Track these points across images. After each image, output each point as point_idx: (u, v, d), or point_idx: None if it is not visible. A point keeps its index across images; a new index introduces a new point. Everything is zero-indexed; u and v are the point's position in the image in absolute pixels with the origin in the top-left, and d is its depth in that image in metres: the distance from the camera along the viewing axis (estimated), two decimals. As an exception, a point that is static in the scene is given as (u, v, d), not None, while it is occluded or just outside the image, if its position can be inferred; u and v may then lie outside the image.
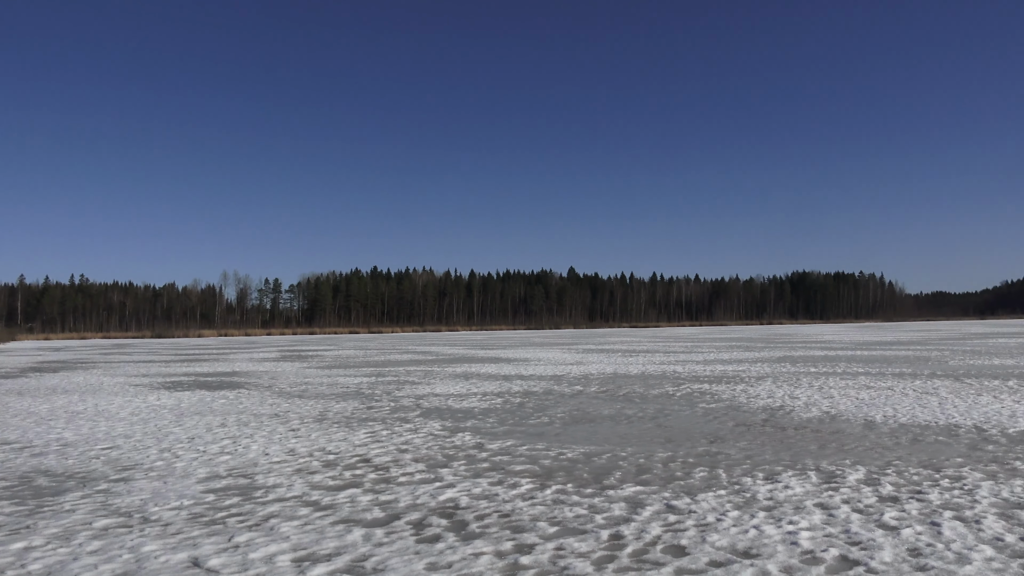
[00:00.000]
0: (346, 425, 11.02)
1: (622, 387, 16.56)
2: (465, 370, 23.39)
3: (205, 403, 14.47)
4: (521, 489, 6.70)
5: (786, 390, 15.09)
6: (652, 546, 5.02)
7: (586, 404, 13.35)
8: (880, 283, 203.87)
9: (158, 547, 5.10)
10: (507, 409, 12.78)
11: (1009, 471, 7.07)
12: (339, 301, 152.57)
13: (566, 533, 5.34)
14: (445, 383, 18.42)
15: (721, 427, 10.26)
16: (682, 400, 13.74)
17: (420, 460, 8.16)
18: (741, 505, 5.99)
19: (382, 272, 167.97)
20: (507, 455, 8.40)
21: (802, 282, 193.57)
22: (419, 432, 10.22)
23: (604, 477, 7.16)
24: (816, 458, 7.90)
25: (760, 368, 21.96)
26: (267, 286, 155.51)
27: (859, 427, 9.99)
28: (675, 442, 9.10)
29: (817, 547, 4.91)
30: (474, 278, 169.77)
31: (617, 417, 11.51)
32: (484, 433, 10.08)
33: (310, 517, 5.85)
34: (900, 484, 6.63)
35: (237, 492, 6.75)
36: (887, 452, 8.17)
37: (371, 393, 16.08)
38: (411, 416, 12.00)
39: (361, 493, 6.65)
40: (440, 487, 6.83)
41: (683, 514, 5.77)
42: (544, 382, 18.31)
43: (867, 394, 14.05)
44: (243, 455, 8.61)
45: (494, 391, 16.10)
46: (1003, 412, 11.10)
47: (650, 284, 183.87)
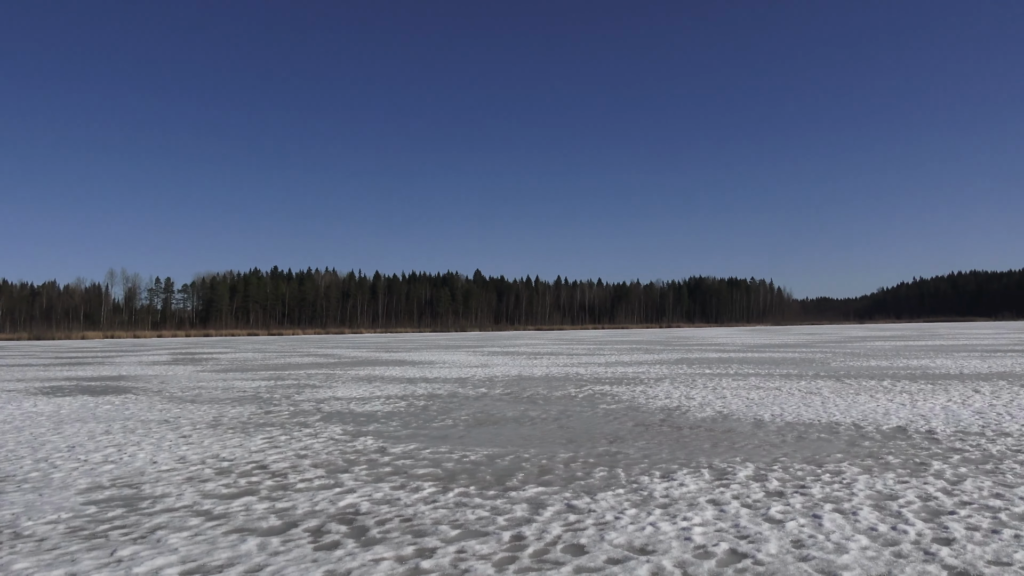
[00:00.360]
0: (242, 431, 10.62)
1: (526, 389, 16.72)
2: (368, 373, 23.02)
3: (88, 409, 13.62)
4: (423, 493, 6.64)
5: (682, 391, 15.63)
6: (552, 546, 5.08)
7: (490, 406, 13.39)
8: (770, 289, 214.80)
9: (31, 564, 4.75)
10: (411, 412, 12.66)
11: (883, 465, 7.58)
12: (236, 302, 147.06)
13: (468, 536, 5.33)
14: (347, 386, 18.06)
15: (621, 427, 10.52)
16: (584, 401, 14.00)
17: (320, 465, 7.97)
18: (639, 503, 6.16)
19: (283, 272, 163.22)
20: (410, 459, 8.32)
21: (698, 287, 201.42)
22: (319, 437, 9.98)
23: (507, 479, 7.20)
24: (709, 456, 8.21)
25: (659, 370, 22.66)
26: (158, 285, 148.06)
27: (749, 426, 10.47)
28: (577, 443, 9.26)
29: (709, 542, 5.10)
30: (379, 279, 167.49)
31: (521, 419, 11.61)
32: (387, 437, 9.94)
33: (201, 527, 5.60)
34: (785, 479, 6.99)
35: (121, 503, 6.38)
36: (774, 449, 8.60)
37: (269, 397, 15.58)
38: (311, 420, 11.70)
39: (257, 501, 6.42)
40: (340, 493, 6.69)
41: (583, 513, 5.87)
42: (449, 385, 18.26)
43: (757, 394, 14.73)
44: (129, 464, 8.15)
45: (398, 394, 15.92)
46: (878, 410, 11.88)
47: (555, 288, 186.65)
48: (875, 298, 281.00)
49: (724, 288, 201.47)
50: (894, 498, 6.21)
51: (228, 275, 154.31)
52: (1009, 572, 4.44)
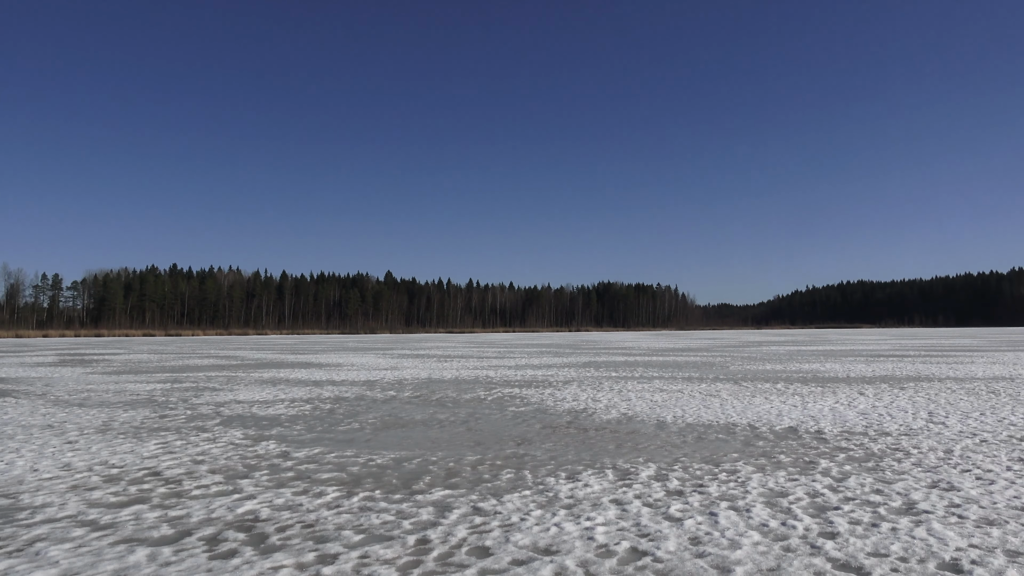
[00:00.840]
0: (134, 436, 10.10)
1: (435, 392, 16.63)
2: (273, 375, 22.34)
3: (-41, 414, 12.63)
4: (327, 498, 6.50)
5: (589, 393, 15.92)
6: (458, 549, 5.07)
7: (399, 409, 13.25)
8: (674, 295, 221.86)
9: None
10: (316, 416, 12.36)
11: (775, 464, 7.94)
12: (132, 301, 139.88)
13: (372, 540, 5.25)
14: (250, 389, 17.47)
15: (528, 429, 10.61)
16: (493, 404, 14.05)
17: (218, 471, 7.67)
18: (544, 504, 6.22)
19: (182, 270, 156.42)
20: (314, 463, 8.12)
21: (607, 292, 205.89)
22: (218, 441, 9.60)
23: (413, 482, 7.13)
24: (613, 457, 8.39)
25: (567, 373, 23.00)
26: (44, 282, 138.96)
27: (652, 427, 10.76)
28: (484, 445, 9.27)
29: (611, 541, 5.21)
30: (286, 279, 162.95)
31: (429, 422, 11.53)
32: (290, 441, 9.67)
33: (86, 538, 5.29)
34: (685, 479, 7.22)
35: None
36: (675, 450, 8.87)
37: (165, 401, 14.88)
38: (210, 425, 11.25)
39: (148, 509, 6.12)
40: (239, 499, 6.45)
41: (489, 515, 5.88)
42: (356, 387, 17.94)
43: (660, 397, 15.17)
44: (6, 472, 7.61)
45: (303, 397, 15.52)
46: (772, 412, 12.45)
47: (466, 290, 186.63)
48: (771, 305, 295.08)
49: (631, 293, 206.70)
50: (785, 495, 6.51)
51: (123, 272, 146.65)
52: (886, 563, 4.74)
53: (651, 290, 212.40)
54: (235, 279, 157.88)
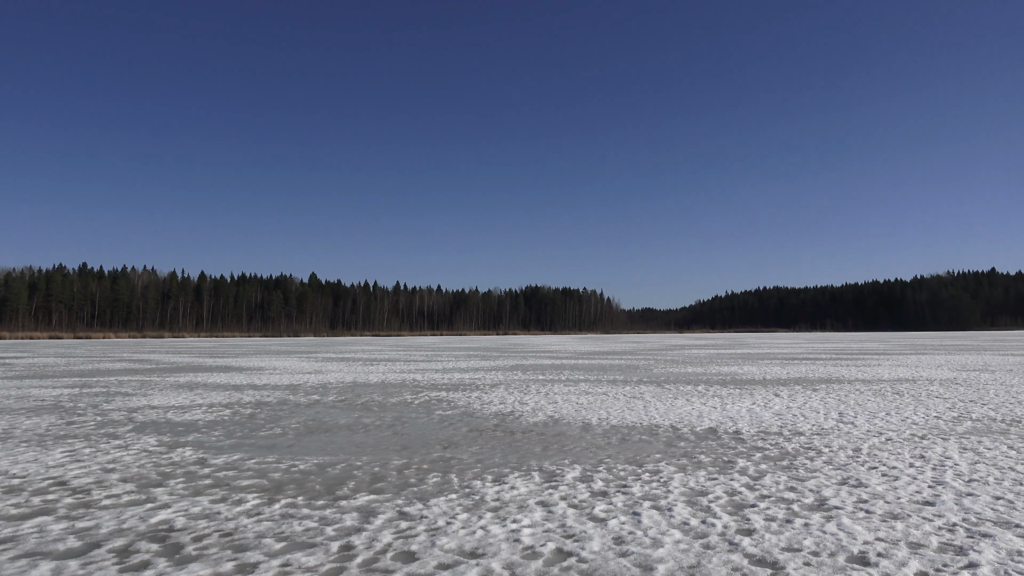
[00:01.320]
0: (38, 444, 9.57)
1: (361, 396, 16.38)
2: (190, 380, 21.55)
3: None
4: (247, 505, 6.31)
5: (516, 396, 15.99)
6: (383, 554, 5.00)
7: (323, 414, 12.99)
8: (600, 298, 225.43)
9: None
10: (236, 421, 11.99)
11: (696, 464, 8.16)
12: (37, 301, 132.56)
13: (294, 548, 5.13)
14: (165, 394, 16.81)
15: (455, 433, 10.57)
16: (420, 408, 13.94)
17: (129, 480, 7.34)
18: (470, 507, 6.21)
19: (92, 270, 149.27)
20: (233, 470, 7.87)
21: (534, 295, 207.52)
22: (130, 449, 9.19)
23: (337, 488, 7.01)
24: (540, 459, 8.45)
25: (494, 376, 23.04)
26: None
27: (578, 429, 10.89)
28: (411, 449, 9.19)
29: (537, 543, 5.24)
30: (204, 280, 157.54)
31: (354, 426, 11.35)
32: (208, 447, 9.35)
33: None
34: (609, 479, 7.33)
35: None
36: (600, 451, 9.00)
37: (73, 407, 14.16)
38: (121, 431, 10.76)
39: (53, 521, 5.80)
40: (152, 508, 6.19)
41: (415, 520, 5.83)
42: (279, 392, 17.50)
43: (586, 399, 15.37)
44: None
45: (222, 402, 15.03)
46: (693, 413, 12.79)
47: (393, 293, 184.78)
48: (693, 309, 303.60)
49: (559, 297, 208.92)
50: (705, 494, 6.70)
51: (26, 271, 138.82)
52: (799, 557, 4.93)
53: (577, 294, 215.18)
54: (150, 279, 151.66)
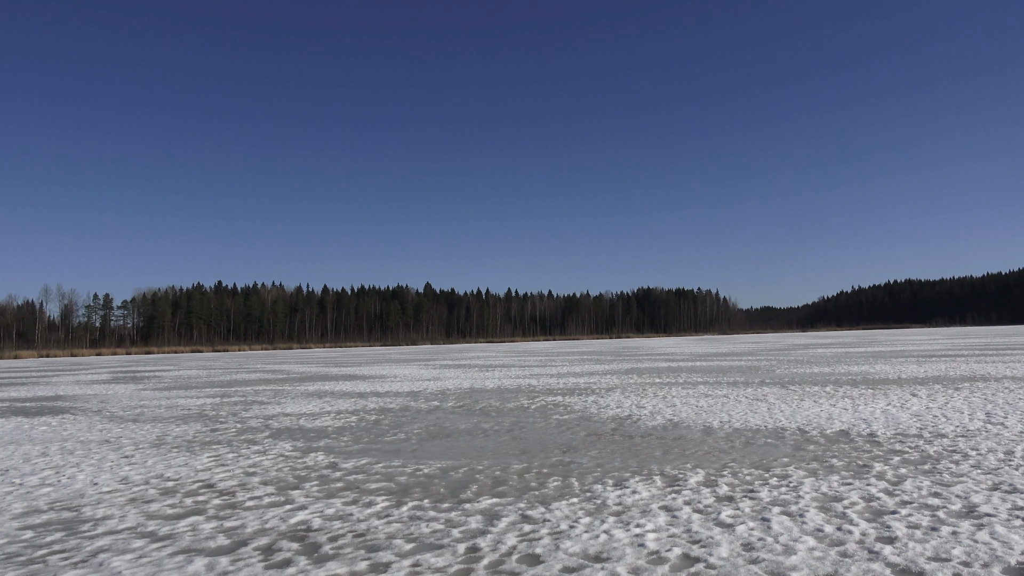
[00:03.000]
0: (187, 449, 10.34)
1: (479, 401, 16.68)
2: (318, 388, 22.66)
3: (22, 431, 13.08)
4: (376, 507, 6.57)
5: (633, 400, 15.81)
6: (508, 556, 5.08)
7: (443, 419, 13.33)
8: (716, 298, 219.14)
9: (-38, 593, 4.54)
10: (362, 427, 12.51)
11: (827, 468, 7.79)
12: (179, 318, 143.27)
13: (423, 549, 5.29)
14: (296, 402, 17.75)
15: (573, 437, 10.58)
16: (537, 412, 14.04)
17: (269, 483, 7.81)
18: (592, 511, 6.20)
19: (227, 287, 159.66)
20: (362, 473, 8.21)
21: (647, 298, 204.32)
22: (268, 454, 9.78)
23: (461, 491, 7.17)
24: (660, 463, 8.32)
25: (610, 380, 22.87)
26: (96, 302, 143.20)
27: (699, 433, 10.64)
28: (530, 453, 9.28)
29: (662, 547, 5.17)
30: (327, 293, 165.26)
31: (474, 431, 11.58)
32: (338, 452, 9.80)
33: (146, 549, 5.43)
34: (735, 484, 7.12)
35: (60, 527, 6.15)
36: (723, 455, 8.76)
37: (215, 415, 15.20)
38: (259, 437, 11.46)
39: (204, 520, 6.26)
40: (291, 510, 6.56)
41: (538, 523, 5.88)
42: (400, 398, 18.10)
43: (705, 402, 14.99)
44: (68, 486, 7.85)
45: (348, 409, 15.71)
46: (822, 415, 12.21)
47: (505, 300, 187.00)
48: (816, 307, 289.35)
49: (672, 299, 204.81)
50: (839, 499, 6.38)
51: (170, 291, 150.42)
52: (948, 567, 4.61)
53: (692, 295, 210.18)
54: (278, 294, 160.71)
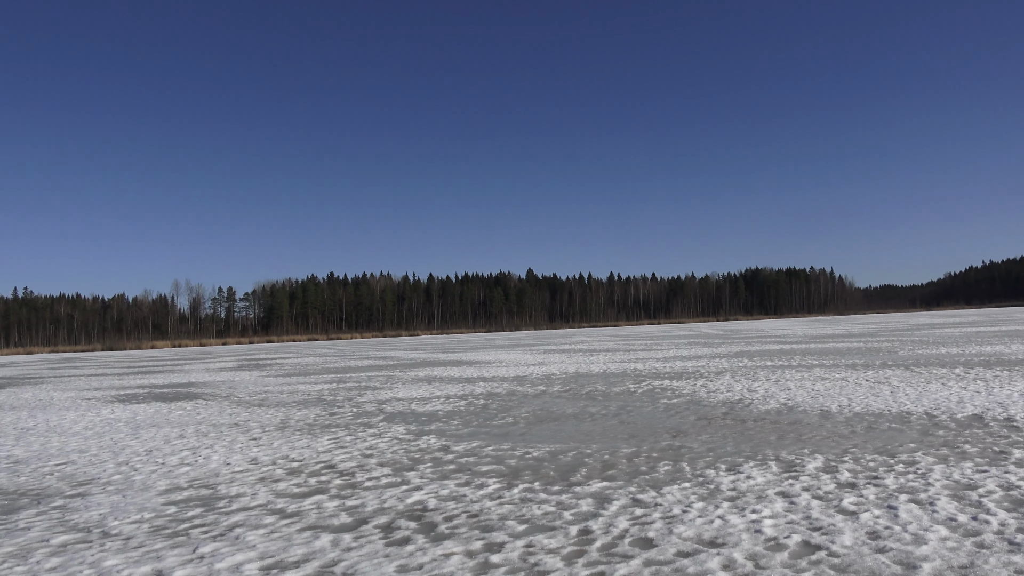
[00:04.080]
0: (308, 432, 10.89)
1: (585, 386, 16.69)
2: (427, 374, 23.30)
3: (162, 415, 14.16)
4: (488, 489, 6.71)
5: (744, 384, 15.38)
6: (620, 540, 5.08)
7: (550, 403, 13.42)
8: (830, 278, 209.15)
9: (120, 561, 4.98)
10: (471, 411, 12.77)
11: (959, 454, 7.33)
12: (296, 308, 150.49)
13: (535, 530, 5.37)
14: (408, 387, 18.32)
15: (683, 421, 10.42)
16: (644, 396, 13.90)
17: (386, 464, 8.12)
18: (705, 496, 6.10)
19: (338, 278, 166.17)
20: (473, 456, 8.40)
21: (755, 278, 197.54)
22: (383, 437, 10.16)
23: (570, 474, 7.21)
24: (776, 448, 8.07)
25: (718, 363, 22.33)
26: (221, 295, 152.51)
27: (816, 417, 10.24)
28: (639, 437, 9.21)
29: (780, 534, 5.03)
30: (433, 282, 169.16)
31: (581, 415, 11.60)
32: (449, 435, 10.06)
33: (276, 525, 5.78)
34: (857, 470, 6.82)
35: (199, 503, 6.63)
36: (843, 440, 8.40)
37: (333, 400, 15.92)
38: (374, 421, 11.92)
39: (327, 499, 6.59)
40: (407, 490, 6.81)
41: (649, 507, 5.85)
42: (507, 383, 18.35)
43: (822, 385, 14.39)
44: (204, 466, 8.45)
45: (457, 394, 16.08)
46: (951, 399, 11.48)
47: (608, 284, 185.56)
48: (942, 284, 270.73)
49: (782, 279, 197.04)
50: (973, 487, 6.00)
51: (287, 282, 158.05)
52: (1102, 562, 4.25)
53: (804, 274, 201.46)
54: (386, 284, 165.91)
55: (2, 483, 7.92)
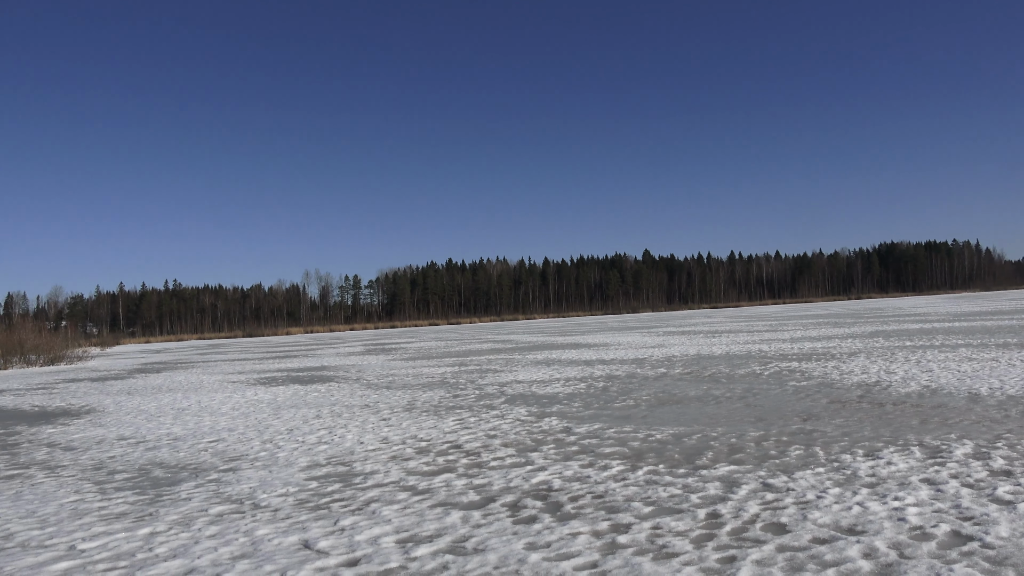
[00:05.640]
0: (434, 413, 11.26)
1: (707, 368, 16.31)
2: (546, 357, 23.49)
3: (299, 396, 15.05)
4: (612, 471, 6.71)
5: (881, 365, 14.54)
6: (751, 524, 4.96)
7: (671, 386, 13.22)
8: (976, 250, 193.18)
9: (270, 531, 5.37)
10: (591, 393, 12.79)
11: None
12: (417, 294, 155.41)
13: (662, 512, 5.33)
14: (527, 370, 18.56)
15: (814, 404, 9.99)
16: (771, 379, 13.43)
17: (509, 445, 8.28)
18: (842, 482, 5.84)
19: (456, 264, 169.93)
20: (595, 438, 8.42)
21: (891, 253, 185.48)
22: (506, 418, 10.36)
23: (696, 457, 7.10)
24: (918, 433, 7.61)
25: (851, 344, 21.20)
26: (347, 283, 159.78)
27: (963, 400, 9.56)
28: (767, 421, 8.92)
29: (926, 523, 4.75)
30: (548, 265, 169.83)
31: (704, 398, 11.36)
32: (570, 417, 10.13)
33: (408, 501, 6.04)
34: (1013, 457, 6.32)
35: (337, 479, 7.02)
36: (996, 425, 7.80)
37: (455, 382, 16.36)
38: (496, 403, 12.16)
39: (455, 477, 6.81)
40: (531, 470, 6.92)
41: (781, 492, 5.67)
42: (626, 366, 18.21)
43: (969, 366, 13.39)
44: (340, 444, 8.93)
45: (577, 376, 16.13)
46: (1124, 380, 10.40)
47: (728, 263, 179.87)
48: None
49: (921, 253, 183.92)
50: None
51: (408, 269, 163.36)
52: None
53: (945, 247, 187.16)
54: (503, 268, 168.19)
55: (166, 458, 8.69)
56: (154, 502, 6.48)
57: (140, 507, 6.32)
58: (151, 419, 12.53)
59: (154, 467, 8.15)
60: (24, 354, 36.55)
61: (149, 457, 8.80)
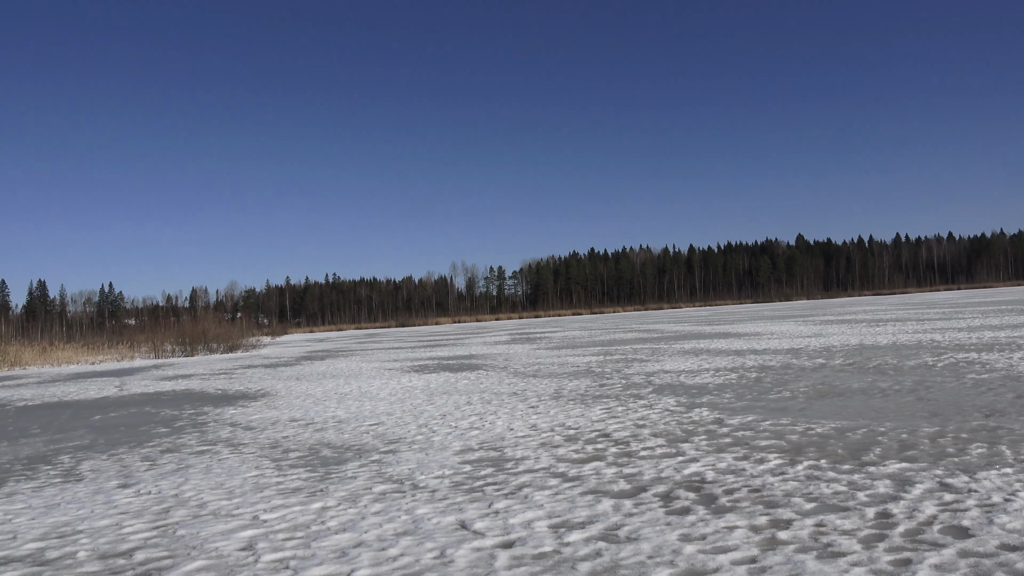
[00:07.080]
0: (581, 402, 11.31)
1: (871, 359, 15.27)
2: (693, 346, 22.91)
3: (450, 384, 15.60)
4: (769, 464, 6.46)
5: (1079, 357, 13.00)
6: (927, 526, 4.61)
7: (831, 377, 12.50)
8: None
9: (429, 510, 5.63)
10: (743, 384, 12.34)
11: None
12: (560, 284, 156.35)
13: (825, 510, 5.07)
14: (674, 359, 18.19)
15: (998, 399, 9.10)
16: (945, 371, 12.37)
17: (659, 435, 8.17)
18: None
19: (599, 253, 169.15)
20: (749, 430, 8.13)
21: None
22: (654, 408, 10.22)
23: (862, 453, 6.68)
24: None
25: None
26: (492, 274, 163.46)
27: None
28: (942, 416, 8.23)
29: None
30: (693, 253, 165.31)
31: (869, 390, 10.65)
32: (722, 408, 9.83)
33: (559, 487, 6.11)
34: None
35: (490, 463, 7.23)
36: None
37: (601, 371, 16.33)
38: (644, 392, 12.02)
39: (605, 466, 6.81)
40: (683, 461, 6.79)
41: (961, 493, 5.22)
42: (780, 356, 17.41)
43: None
44: (490, 430, 9.18)
45: (727, 366, 15.62)
46: None
47: (893, 246, 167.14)
48: None
49: None
50: None
51: (551, 260, 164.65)
52: None
53: None
54: (646, 257, 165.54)
55: (332, 439, 9.31)
56: (324, 479, 6.97)
57: (312, 483, 6.82)
58: (318, 403, 13.45)
59: (322, 447, 8.75)
60: (207, 342, 40.40)
61: (318, 438, 9.46)
